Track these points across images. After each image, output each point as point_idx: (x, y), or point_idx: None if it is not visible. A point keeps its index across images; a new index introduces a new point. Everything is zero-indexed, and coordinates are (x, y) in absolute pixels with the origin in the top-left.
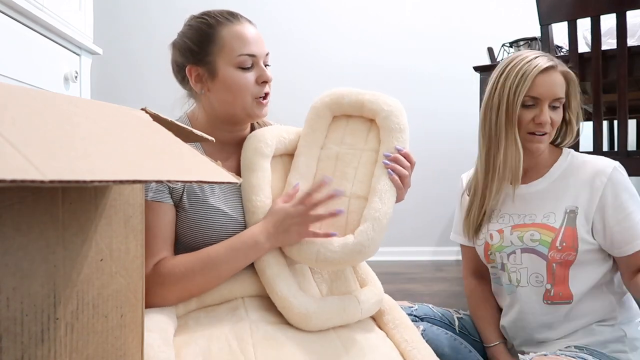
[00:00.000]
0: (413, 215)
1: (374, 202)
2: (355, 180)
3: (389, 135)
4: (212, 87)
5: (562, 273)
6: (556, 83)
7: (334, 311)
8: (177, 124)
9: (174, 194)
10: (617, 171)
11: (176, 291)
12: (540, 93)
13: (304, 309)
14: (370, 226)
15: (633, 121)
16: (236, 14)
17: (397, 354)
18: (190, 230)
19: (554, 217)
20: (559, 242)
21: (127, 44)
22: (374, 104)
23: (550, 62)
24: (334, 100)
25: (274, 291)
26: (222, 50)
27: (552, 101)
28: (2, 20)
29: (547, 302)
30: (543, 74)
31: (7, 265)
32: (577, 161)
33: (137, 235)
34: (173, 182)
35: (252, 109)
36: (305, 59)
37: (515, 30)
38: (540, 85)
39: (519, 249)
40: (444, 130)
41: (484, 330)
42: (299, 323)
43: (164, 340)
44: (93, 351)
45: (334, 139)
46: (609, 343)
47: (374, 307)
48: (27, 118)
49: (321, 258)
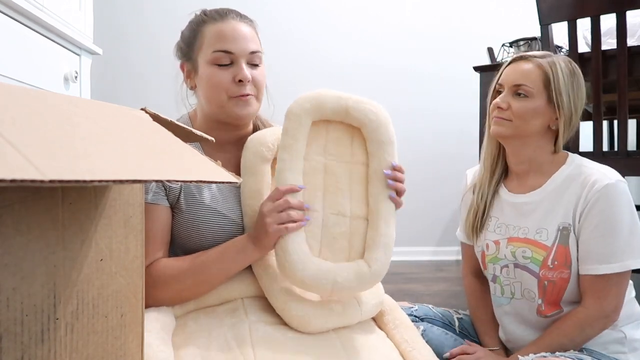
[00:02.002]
0: (413, 216)
1: (381, 227)
2: (352, 200)
3: (380, 148)
4: (198, 84)
5: (555, 290)
6: (522, 71)
7: (333, 314)
8: (177, 123)
9: (170, 195)
10: (614, 186)
11: (167, 293)
12: (503, 79)
13: (302, 312)
14: (382, 253)
15: (633, 121)
16: (228, 12)
17: (397, 355)
18: (187, 231)
19: (546, 233)
20: (550, 261)
21: (127, 44)
22: (360, 113)
23: (532, 53)
24: (315, 106)
25: (271, 295)
26: (201, 47)
27: (513, 87)
28: (2, 20)
29: (540, 315)
30: (514, 62)
31: (7, 266)
32: (577, 171)
33: (137, 235)
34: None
35: (230, 108)
36: (305, 59)
37: (515, 30)
38: (506, 72)
39: (511, 263)
40: (444, 130)
41: (484, 334)
42: (297, 326)
43: (163, 340)
44: (93, 351)
45: (316, 149)
46: (608, 344)
47: (374, 308)
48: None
49: (337, 289)
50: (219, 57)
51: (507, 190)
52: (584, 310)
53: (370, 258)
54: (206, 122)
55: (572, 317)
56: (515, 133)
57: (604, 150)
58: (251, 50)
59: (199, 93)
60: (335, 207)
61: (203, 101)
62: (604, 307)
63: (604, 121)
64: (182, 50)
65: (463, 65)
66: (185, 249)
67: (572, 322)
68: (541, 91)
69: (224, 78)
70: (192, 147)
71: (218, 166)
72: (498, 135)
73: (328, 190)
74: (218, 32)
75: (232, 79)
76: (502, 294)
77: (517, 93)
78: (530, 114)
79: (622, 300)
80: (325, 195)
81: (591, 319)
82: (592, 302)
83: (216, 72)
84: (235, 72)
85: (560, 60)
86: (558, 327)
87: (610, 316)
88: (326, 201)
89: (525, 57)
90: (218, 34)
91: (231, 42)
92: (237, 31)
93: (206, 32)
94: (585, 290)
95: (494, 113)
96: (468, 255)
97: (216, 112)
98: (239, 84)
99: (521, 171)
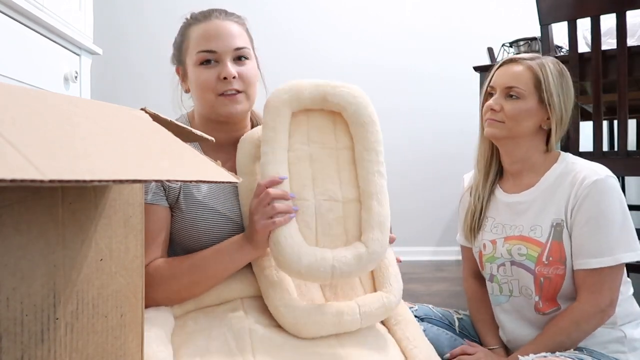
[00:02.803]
0: (413, 215)
1: (374, 207)
2: (342, 184)
3: (362, 129)
4: (190, 87)
5: (551, 287)
6: (513, 74)
7: (328, 321)
8: (177, 123)
9: (170, 195)
10: (603, 182)
11: (164, 292)
12: (494, 82)
13: (293, 318)
14: (378, 232)
15: (633, 121)
16: (212, 11)
17: (398, 352)
18: (186, 231)
19: (540, 230)
20: (545, 257)
21: (127, 44)
22: (338, 98)
23: (521, 56)
24: (293, 96)
25: (267, 298)
26: (187, 50)
27: (504, 89)
28: (2, 20)
29: (538, 313)
30: (504, 65)
31: (7, 265)
32: (569, 169)
33: (136, 235)
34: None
35: (219, 106)
36: (305, 59)
37: (515, 30)
38: (497, 75)
39: (508, 261)
40: (444, 130)
41: (484, 334)
42: (290, 331)
43: (162, 340)
44: (93, 351)
45: (299, 138)
46: (608, 344)
47: (377, 312)
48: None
49: (337, 274)
50: (203, 57)
51: (502, 191)
52: (579, 306)
53: (367, 239)
54: (203, 123)
55: (568, 313)
56: (509, 134)
57: (604, 150)
58: (236, 46)
59: (192, 94)
60: (326, 193)
61: (196, 103)
62: (599, 301)
63: (604, 121)
64: (174, 55)
65: (463, 65)
66: (186, 248)
67: (568, 318)
68: (532, 92)
69: (209, 77)
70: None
71: (218, 166)
72: (492, 136)
73: (317, 178)
74: (201, 33)
75: (217, 77)
76: (500, 292)
77: (509, 95)
78: (522, 115)
79: (617, 294)
80: (315, 182)
81: (586, 314)
82: (586, 297)
83: (202, 72)
84: (220, 70)
85: (549, 62)
86: (555, 324)
87: (605, 310)
88: (316, 188)
89: (515, 59)
90: (201, 35)
91: (214, 41)
92: (220, 29)
93: (191, 34)
94: (579, 285)
95: (486, 115)
96: (468, 258)
97: (208, 112)
98: (224, 82)
99: (515, 171)
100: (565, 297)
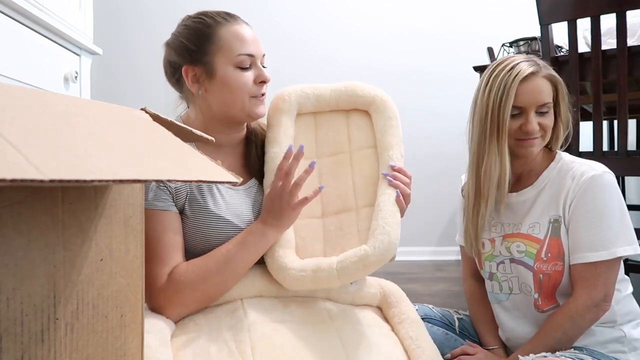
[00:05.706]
0: (413, 215)
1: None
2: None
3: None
4: (210, 88)
5: (550, 283)
6: (540, 89)
7: (307, 277)
8: (177, 124)
9: (177, 201)
10: (600, 177)
11: (194, 295)
12: (524, 102)
13: (276, 272)
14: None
15: (633, 121)
16: (233, 14)
17: (401, 351)
18: (192, 236)
19: (539, 227)
20: (544, 253)
21: (127, 44)
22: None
23: (533, 67)
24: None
25: (271, 249)
26: (220, 50)
27: (537, 107)
28: (2, 20)
29: (537, 310)
30: (525, 81)
31: (7, 266)
32: (566, 167)
33: (136, 235)
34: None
35: (251, 108)
36: (305, 59)
37: (515, 30)
38: (523, 93)
39: (507, 259)
40: (444, 130)
41: (484, 334)
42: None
43: (162, 341)
44: (93, 351)
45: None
46: (608, 343)
47: (354, 266)
48: (27, 118)
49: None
50: (244, 60)
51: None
52: (574, 301)
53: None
54: (206, 124)
55: (563, 308)
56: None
57: (604, 150)
58: (264, 53)
59: (210, 96)
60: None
61: (214, 104)
62: (594, 295)
63: (604, 121)
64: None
65: (463, 65)
66: (191, 253)
67: (563, 313)
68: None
69: (247, 80)
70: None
71: (218, 166)
72: (531, 155)
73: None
74: (238, 35)
75: (253, 80)
76: (500, 290)
77: (540, 112)
78: (551, 126)
79: (612, 289)
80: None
81: (581, 309)
82: (581, 291)
83: (241, 75)
84: (257, 73)
85: (549, 67)
86: (551, 321)
87: (600, 305)
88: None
89: (533, 73)
90: (239, 37)
91: (252, 45)
92: (251, 34)
93: (223, 34)
94: (575, 280)
95: (519, 135)
96: (467, 259)
97: (233, 113)
98: (260, 85)
99: (515, 172)
100: (564, 295)
